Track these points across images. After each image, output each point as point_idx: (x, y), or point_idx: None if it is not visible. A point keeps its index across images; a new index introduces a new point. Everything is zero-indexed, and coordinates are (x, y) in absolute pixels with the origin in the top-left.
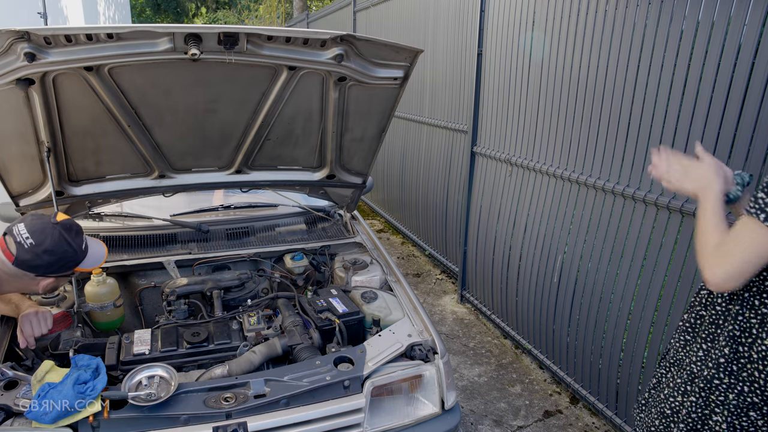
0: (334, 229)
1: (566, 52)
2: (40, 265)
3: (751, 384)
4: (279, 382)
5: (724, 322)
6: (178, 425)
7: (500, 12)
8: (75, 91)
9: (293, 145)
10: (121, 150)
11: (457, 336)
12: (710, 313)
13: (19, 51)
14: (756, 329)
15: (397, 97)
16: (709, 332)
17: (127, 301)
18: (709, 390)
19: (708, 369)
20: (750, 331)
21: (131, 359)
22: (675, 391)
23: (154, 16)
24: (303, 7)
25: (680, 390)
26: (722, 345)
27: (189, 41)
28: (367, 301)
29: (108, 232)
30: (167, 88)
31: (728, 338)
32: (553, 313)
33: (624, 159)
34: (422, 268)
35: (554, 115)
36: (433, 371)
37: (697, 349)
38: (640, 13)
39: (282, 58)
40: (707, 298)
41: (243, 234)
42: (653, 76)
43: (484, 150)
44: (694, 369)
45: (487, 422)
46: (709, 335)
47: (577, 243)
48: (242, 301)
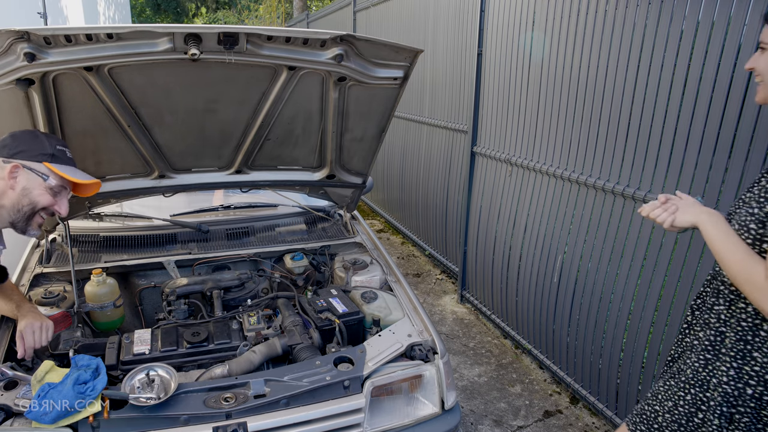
0: (334, 229)
1: (566, 52)
2: (2, 146)
3: None
4: (279, 382)
5: (753, 338)
6: (178, 425)
7: (500, 12)
8: (75, 91)
9: (293, 145)
10: (121, 150)
11: (457, 336)
12: (735, 330)
13: (19, 51)
14: None
15: (397, 97)
16: (738, 349)
17: (127, 301)
18: (759, 407)
19: (751, 387)
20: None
21: (131, 359)
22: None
23: (154, 16)
24: (303, 7)
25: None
26: (765, 362)
27: (189, 41)
28: (367, 301)
29: (108, 232)
30: (167, 88)
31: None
32: (553, 313)
33: (624, 159)
34: (422, 268)
35: (554, 115)
36: (433, 371)
37: (727, 369)
38: (640, 13)
39: (282, 58)
40: (726, 313)
41: (243, 234)
42: (653, 76)
43: (484, 150)
44: (728, 389)
45: (487, 422)
46: (739, 352)
47: (577, 243)
48: (242, 301)
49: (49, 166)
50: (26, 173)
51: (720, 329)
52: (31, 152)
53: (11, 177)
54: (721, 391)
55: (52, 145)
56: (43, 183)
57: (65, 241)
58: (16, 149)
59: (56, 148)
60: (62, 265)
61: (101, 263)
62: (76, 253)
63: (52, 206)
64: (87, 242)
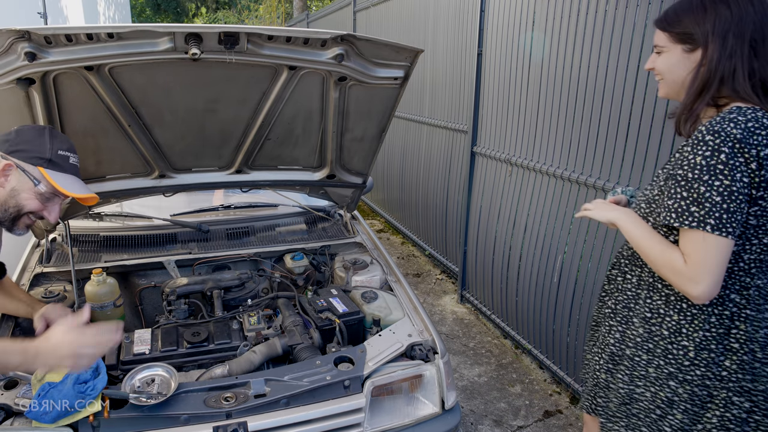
0: (334, 229)
1: (566, 52)
2: (5, 140)
3: (665, 357)
4: (279, 382)
5: (635, 306)
6: (178, 425)
7: (500, 12)
8: (75, 90)
9: (293, 144)
10: (121, 150)
11: (457, 336)
12: (619, 300)
13: (19, 50)
14: (663, 309)
15: (397, 97)
16: (622, 316)
17: (127, 301)
18: (632, 367)
19: (629, 348)
20: (658, 311)
21: (131, 359)
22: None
23: (154, 16)
24: (303, 7)
25: (604, 369)
26: (637, 326)
27: (189, 41)
28: (368, 301)
29: (108, 231)
30: (167, 88)
31: (642, 320)
32: (553, 313)
33: (624, 159)
34: (422, 268)
35: (554, 115)
36: (433, 371)
37: (614, 332)
38: (640, 13)
39: (282, 57)
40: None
41: (243, 234)
42: (653, 76)
43: (484, 150)
44: (614, 350)
45: (487, 422)
46: (623, 318)
47: (577, 243)
48: (242, 301)
49: (43, 172)
50: (18, 174)
51: (618, 298)
52: (28, 153)
53: (3, 175)
54: (608, 351)
55: (53, 149)
56: (34, 188)
57: (65, 241)
58: (16, 147)
59: (57, 153)
60: (62, 264)
61: (101, 263)
62: (76, 253)
63: (41, 211)
64: (87, 242)
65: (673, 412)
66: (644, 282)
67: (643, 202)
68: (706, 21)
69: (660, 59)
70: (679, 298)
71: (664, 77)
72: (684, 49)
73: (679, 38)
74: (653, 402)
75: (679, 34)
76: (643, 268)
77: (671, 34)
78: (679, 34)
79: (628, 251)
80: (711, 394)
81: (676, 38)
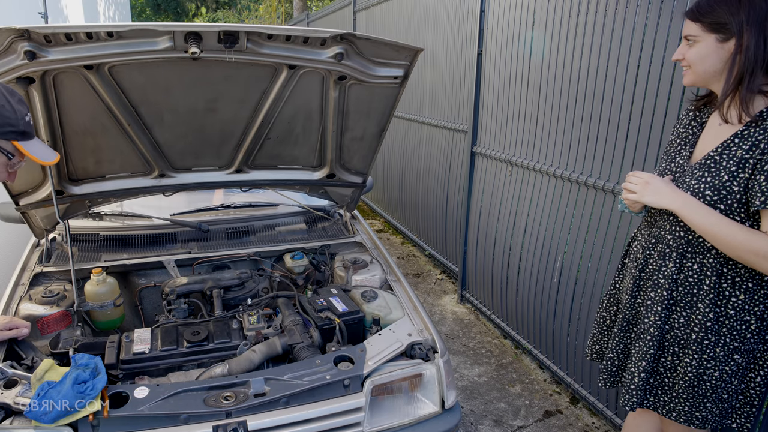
0: (334, 228)
1: (566, 52)
2: None
3: (730, 334)
4: (279, 381)
5: (698, 291)
6: (178, 424)
7: (500, 12)
8: (75, 89)
9: (293, 144)
10: (121, 149)
11: (457, 336)
12: (684, 286)
13: (19, 49)
14: (728, 290)
15: (397, 96)
16: (686, 301)
17: (127, 300)
18: (701, 351)
19: (695, 333)
20: (724, 294)
21: (131, 358)
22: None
23: (154, 16)
24: (303, 7)
25: (670, 351)
26: (703, 311)
27: (189, 40)
28: (367, 301)
29: (108, 231)
30: (167, 87)
31: (708, 305)
32: (553, 313)
33: (624, 159)
34: (422, 268)
35: (554, 115)
36: (433, 370)
37: (678, 317)
38: (640, 13)
39: (282, 56)
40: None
41: (243, 233)
42: (653, 76)
43: (484, 150)
44: (679, 334)
45: (487, 422)
46: (687, 304)
47: (577, 243)
48: (242, 300)
49: (18, 146)
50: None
51: (672, 287)
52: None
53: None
54: (672, 335)
55: (21, 117)
56: (7, 162)
57: (65, 240)
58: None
59: (25, 119)
60: (62, 264)
61: (101, 262)
62: (76, 252)
63: (5, 180)
64: (87, 241)
65: (732, 380)
66: (708, 267)
67: (708, 190)
68: (741, 10)
69: (692, 50)
70: (745, 278)
71: (693, 67)
72: (717, 38)
73: (712, 28)
74: (720, 378)
75: (713, 24)
76: (705, 254)
77: (704, 24)
78: (712, 24)
79: (676, 240)
80: (755, 357)
81: (709, 28)
